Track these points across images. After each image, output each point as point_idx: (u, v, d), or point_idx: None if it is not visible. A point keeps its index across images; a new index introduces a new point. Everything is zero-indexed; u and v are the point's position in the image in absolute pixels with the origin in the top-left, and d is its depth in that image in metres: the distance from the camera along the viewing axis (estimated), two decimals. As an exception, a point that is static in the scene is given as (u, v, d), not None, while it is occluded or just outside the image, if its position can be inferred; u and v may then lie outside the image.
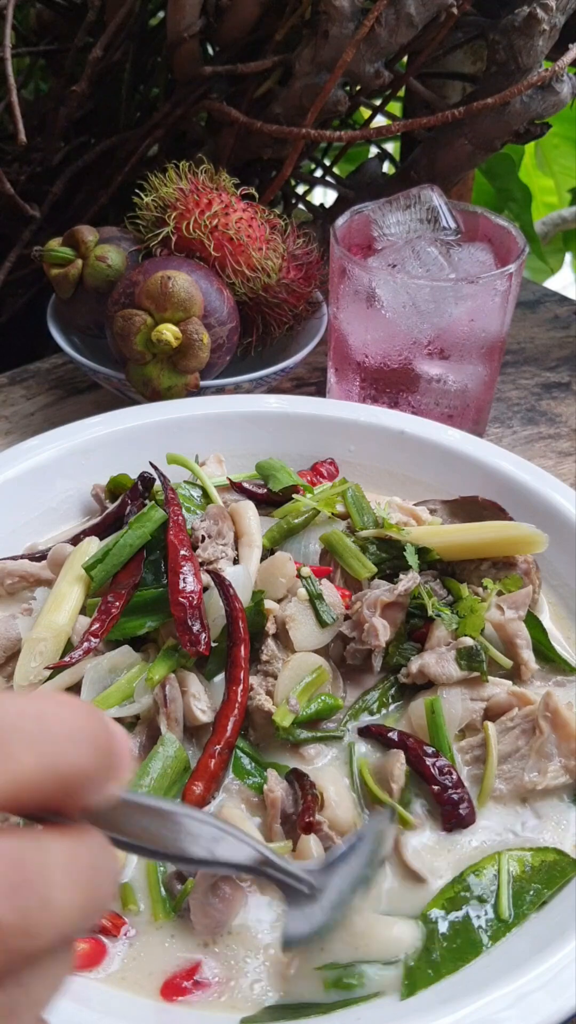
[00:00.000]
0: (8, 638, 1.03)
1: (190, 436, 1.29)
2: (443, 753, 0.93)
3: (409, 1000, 0.78)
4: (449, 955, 0.81)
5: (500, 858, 0.87)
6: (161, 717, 0.92)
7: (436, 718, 0.95)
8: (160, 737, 0.90)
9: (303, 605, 1.01)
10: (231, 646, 0.96)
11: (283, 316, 1.46)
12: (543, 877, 0.86)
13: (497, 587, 1.05)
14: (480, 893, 0.85)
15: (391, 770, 0.91)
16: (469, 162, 1.58)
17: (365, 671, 1.02)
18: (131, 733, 0.94)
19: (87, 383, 1.62)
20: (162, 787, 0.88)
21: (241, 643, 0.96)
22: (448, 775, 0.92)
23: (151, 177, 1.41)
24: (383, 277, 1.30)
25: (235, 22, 1.57)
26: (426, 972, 0.80)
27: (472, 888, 0.85)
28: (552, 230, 2.52)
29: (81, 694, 0.94)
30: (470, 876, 0.86)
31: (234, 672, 0.95)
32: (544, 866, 0.87)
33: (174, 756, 0.90)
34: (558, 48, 1.44)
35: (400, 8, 1.42)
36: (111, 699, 0.93)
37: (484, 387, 1.41)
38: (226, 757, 0.91)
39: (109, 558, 1.03)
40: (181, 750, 0.90)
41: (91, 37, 1.68)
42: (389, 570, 1.06)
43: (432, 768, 0.91)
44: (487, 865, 0.87)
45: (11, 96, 1.47)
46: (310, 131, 1.48)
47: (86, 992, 0.79)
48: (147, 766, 0.88)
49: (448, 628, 1.00)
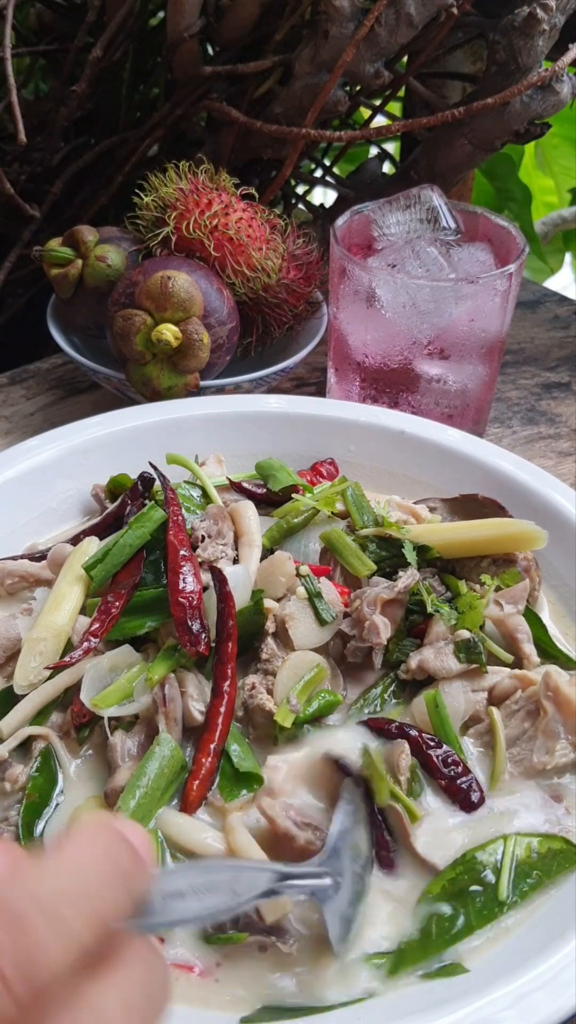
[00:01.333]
0: (8, 638, 1.03)
1: (190, 436, 1.29)
2: (450, 745, 0.93)
3: (408, 999, 0.78)
4: (442, 932, 0.82)
5: (506, 841, 0.88)
6: (160, 717, 0.92)
7: (440, 711, 0.95)
8: (156, 737, 0.90)
9: (302, 604, 1.01)
10: (220, 641, 0.96)
11: (283, 316, 1.46)
12: (547, 864, 0.87)
13: (495, 583, 1.05)
14: (483, 874, 0.86)
15: (396, 762, 0.91)
16: (469, 162, 1.58)
17: (365, 668, 1.02)
18: (129, 732, 0.94)
19: (87, 383, 1.62)
20: (159, 787, 0.88)
21: (229, 639, 0.95)
22: (454, 765, 0.92)
23: (151, 177, 1.41)
24: (383, 277, 1.30)
25: (235, 22, 1.57)
26: (417, 950, 0.81)
27: (476, 868, 0.86)
28: (552, 230, 2.52)
29: (81, 692, 0.94)
30: (474, 855, 0.87)
31: (221, 668, 0.95)
32: (550, 854, 0.88)
33: (170, 756, 0.89)
34: (558, 48, 1.44)
35: (400, 8, 1.42)
36: (110, 698, 0.93)
37: (484, 387, 1.41)
38: (220, 754, 0.91)
39: (109, 558, 1.03)
40: (177, 750, 0.90)
41: (91, 37, 1.68)
42: (389, 568, 1.06)
43: (436, 760, 0.92)
44: (492, 846, 0.88)
45: (11, 96, 1.47)
46: (310, 131, 1.48)
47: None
48: (144, 767, 0.88)
49: (447, 624, 1.00)
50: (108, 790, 0.90)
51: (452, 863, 0.87)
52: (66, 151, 1.78)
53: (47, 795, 0.91)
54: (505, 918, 0.84)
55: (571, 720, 0.93)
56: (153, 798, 0.88)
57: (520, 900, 0.84)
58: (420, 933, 0.82)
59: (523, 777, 0.94)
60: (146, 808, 0.87)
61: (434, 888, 0.85)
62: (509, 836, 0.88)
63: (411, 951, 0.81)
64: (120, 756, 0.91)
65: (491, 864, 0.86)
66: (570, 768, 0.95)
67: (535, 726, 0.94)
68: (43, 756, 0.93)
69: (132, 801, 0.86)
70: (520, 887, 0.85)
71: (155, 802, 0.88)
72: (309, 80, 1.52)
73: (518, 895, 0.85)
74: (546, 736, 0.93)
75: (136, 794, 0.87)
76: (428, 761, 0.92)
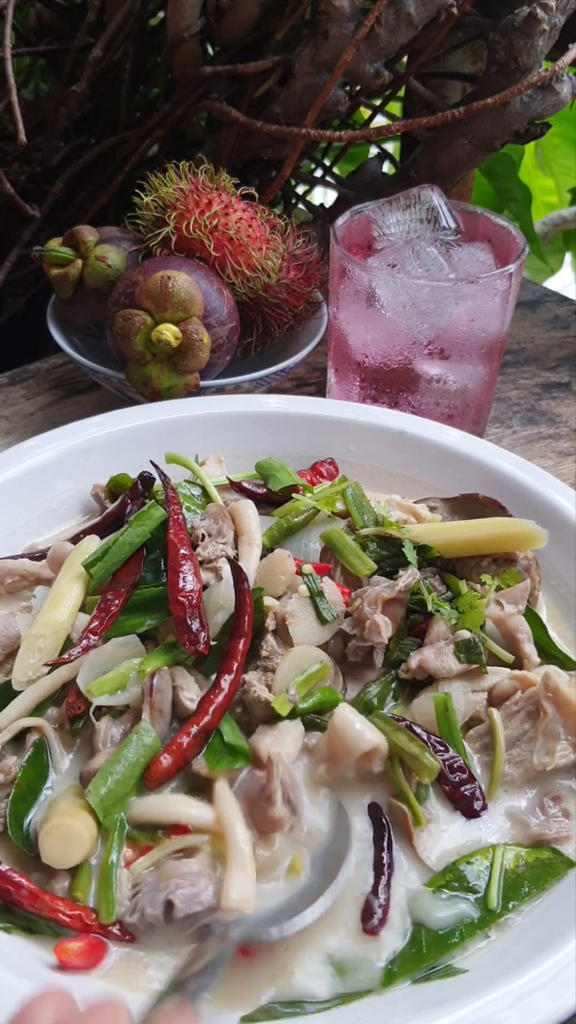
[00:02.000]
0: (7, 635, 1.03)
1: (190, 436, 1.29)
2: (456, 750, 0.93)
3: (406, 997, 0.78)
4: (434, 943, 0.82)
5: (495, 851, 0.88)
6: (145, 706, 0.92)
7: (449, 715, 0.94)
8: (136, 726, 0.90)
9: (303, 602, 1.01)
10: (231, 638, 0.96)
11: (283, 316, 1.46)
12: (536, 875, 0.87)
13: (496, 583, 1.05)
14: (472, 883, 0.86)
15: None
16: (469, 162, 1.58)
17: (365, 667, 1.02)
18: (117, 720, 0.94)
19: (87, 383, 1.62)
20: (133, 775, 0.88)
21: (242, 636, 0.95)
22: (459, 771, 0.92)
23: (151, 177, 1.41)
24: (383, 277, 1.30)
25: (235, 22, 1.57)
26: (409, 962, 0.81)
27: (463, 878, 0.86)
28: (552, 230, 2.52)
29: (78, 677, 0.94)
30: (462, 865, 0.87)
31: (227, 662, 0.94)
32: (538, 863, 0.88)
33: (149, 746, 0.89)
34: (558, 48, 1.44)
35: (400, 8, 1.42)
36: (105, 686, 0.93)
37: (484, 387, 1.41)
38: (201, 740, 0.91)
39: (109, 556, 1.03)
40: (157, 740, 0.90)
41: (91, 37, 1.68)
42: (389, 567, 1.06)
43: (443, 765, 0.91)
44: (480, 856, 0.88)
45: (11, 96, 1.47)
46: (310, 131, 1.48)
47: (86, 992, 0.79)
48: (119, 753, 0.88)
49: (448, 623, 1.00)
50: (83, 772, 0.90)
51: (443, 870, 0.87)
52: (66, 151, 1.78)
53: (36, 785, 0.91)
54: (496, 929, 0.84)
55: (571, 721, 0.93)
56: (126, 786, 0.87)
57: (512, 913, 0.85)
58: (411, 944, 0.82)
59: (523, 779, 0.94)
60: (116, 795, 0.86)
61: (425, 892, 0.85)
62: (498, 846, 0.89)
63: (404, 964, 0.81)
64: (102, 741, 0.91)
65: (480, 873, 0.87)
66: (570, 769, 0.95)
67: (535, 727, 0.94)
68: (36, 747, 0.93)
69: (103, 788, 0.86)
70: (511, 900, 0.85)
71: (128, 790, 0.87)
72: (309, 80, 1.52)
73: (512, 909, 0.85)
74: (546, 737, 0.93)
75: (108, 780, 0.86)
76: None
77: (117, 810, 0.87)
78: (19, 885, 0.82)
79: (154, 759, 0.89)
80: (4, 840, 0.88)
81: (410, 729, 0.92)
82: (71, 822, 0.84)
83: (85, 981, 0.80)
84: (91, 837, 0.85)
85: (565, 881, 0.87)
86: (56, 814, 0.85)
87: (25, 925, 0.83)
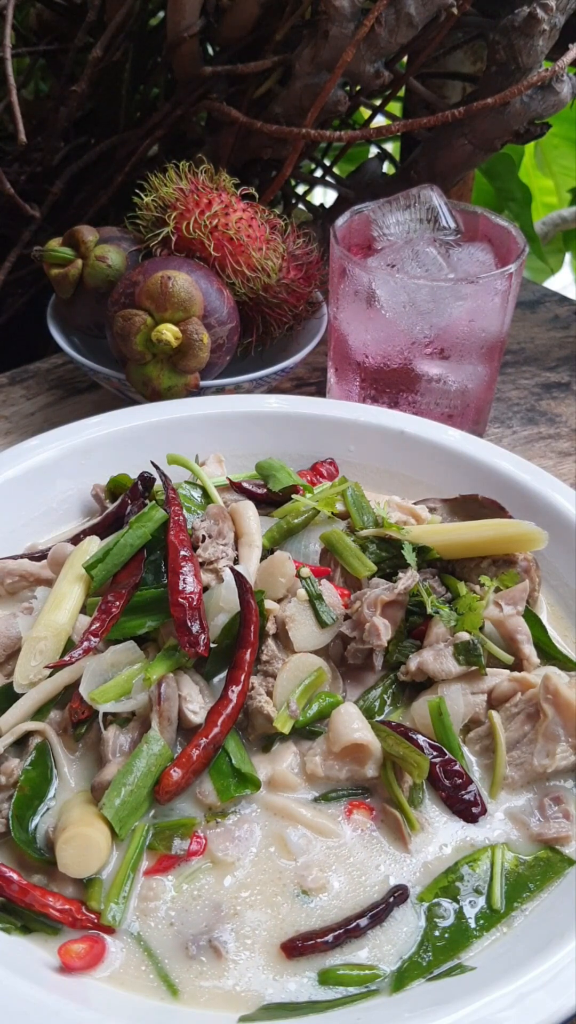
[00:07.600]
0: (8, 636, 1.03)
1: (190, 436, 1.29)
2: (452, 754, 0.93)
3: (407, 998, 0.78)
4: (441, 945, 0.82)
5: (494, 851, 0.88)
6: (154, 715, 0.92)
7: (444, 719, 0.95)
8: (145, 735, 0.90)
9: (303, 606, 1.01)
10: (238, 648, 0.96)
11: (283, 316, 1.46)
12: (536, 875, 0.87)
13: (495, 584, 1.05)
14: (476, 884, 0.86)
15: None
16: (469, 162, 1.58)
17: (365, 670, 1.02)
18: (124, 729, 0.94)
19: (87, 383, 1.62)
20: (145, 785, 0.88)
21: (248, 647, 0.95)
22: (456, 775, 0.92)
23: (151, 177, 1.41)
24: (383, 277, 1.30)
25: (235, 22, 1.58)
26: (417, 965, 0.81)
27: (465, 878, 0.86)
28: (552, 230, 2.53)
29: (80, 686, 0.94)
30: (464, 867, 0.87)
31: (235, 673, 0.94)
32: (538, 863, 0.88)
33: (158, 755, 0.89)
34: (558, 48, 1.44)
35: (400, 8, 1.42)
36: (109, 693, 0.93)
37: (484, 387, 1.41)
38: (211, 752, 0.91)
39: (109, 558, 1.03)
40: (166, 748, 0.90)
41: (91, 37, 1.68)
42: (389, 569, 1.06)
43: (438, 769, 0.91)
44: (480, 857, 0.88)
45: (11, 96, 1.47)
46: (310, 131, 1.48)
47: (86, 992, 0.79)
48: (131, 764, 0.88)
49: (447, 625, 1.00)
50: (95, 783, 0.90)
51: (445, 871, 0.87)
52: (66, 151, 1.78)
53: (39, 788, 0.91)
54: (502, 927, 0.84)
55: (571, 723, 0.93)
56: (139, 796, 0.87)
57: (517, 912, 0.85)
58: (418, 947, 0.82)
59: (523, 781, 0.94)
60: (130, 806, 0.87)
61: (427, 896, 0.86)
62: (496, 846, 0.89)
63: (412, 968, 0.81)
64: (111, 751, 0.91)
65: (482, 874, 0.87)
66: (570, 771, 0.95)
67: (535, 729, 0.94)
68: (38, 750, 0.93)
69: (117, 799, 0.86)
70: (515, 899, 0.85)
71: (141, 800, 0.87)
72: (309, 80, 1.52)
73: (516, 908, 0.85)
74: (546, 739, 0.93)
75: (122, 792, 0.86)
76: (430, 770, 0.92)
77: (131, 821, 0.87)
78: (9, 880, 0.82)
79: (164, 772, 0.89)
80: (5, 841, 0.88)
81: (402, 733, 0.92)
82: (88, 831, 0.84)
83: (85, 982, 0.80)
84: (108, 847, 0.85)
85: (565, 881, 0.87)
86: (73, 823, 0.85)
87: (24, 925, 0.83)
